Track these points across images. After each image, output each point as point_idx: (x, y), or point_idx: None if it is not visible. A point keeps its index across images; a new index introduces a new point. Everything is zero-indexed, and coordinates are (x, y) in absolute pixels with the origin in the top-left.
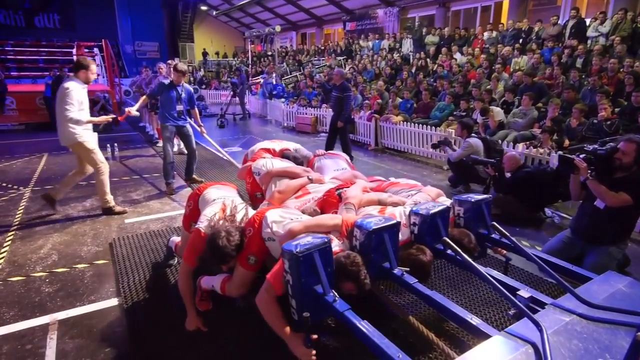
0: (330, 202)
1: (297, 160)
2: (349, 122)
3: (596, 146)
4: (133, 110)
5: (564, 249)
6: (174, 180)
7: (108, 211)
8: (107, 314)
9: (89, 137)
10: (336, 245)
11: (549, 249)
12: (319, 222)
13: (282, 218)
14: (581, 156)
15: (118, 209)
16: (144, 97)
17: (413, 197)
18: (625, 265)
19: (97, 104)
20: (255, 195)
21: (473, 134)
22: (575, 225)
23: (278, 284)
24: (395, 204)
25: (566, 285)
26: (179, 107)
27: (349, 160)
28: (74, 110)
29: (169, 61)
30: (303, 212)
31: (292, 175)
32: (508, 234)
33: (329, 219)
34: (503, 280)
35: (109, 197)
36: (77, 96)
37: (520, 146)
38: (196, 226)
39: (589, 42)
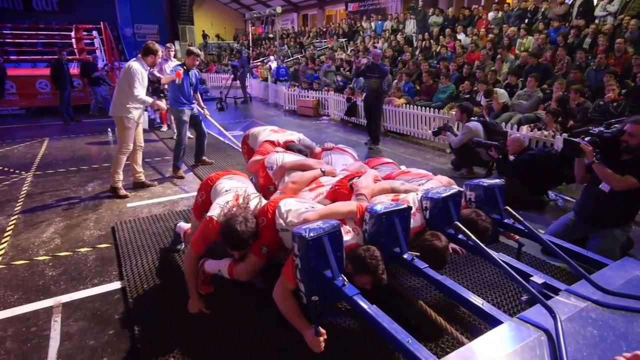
0: (342, 193)
1: (303, 152)
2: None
3: (602, 129)
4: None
5: (568, 231)
6: (182, 164)
7: (113, 190)
8: (110, 297)
9: (133, 116)
10: (351, 238)
11: (553, 231)
12: (333, 210)
13: (296, 207)
14: (586, 139)
15: (122, 192)
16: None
17: (424, 185)
18: (629, 247)
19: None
20: (267, 189)
21: (473, 118)
22: (579, 208)
23: (292, 277)
24: (408, 191)
25: (581, 271)
26: (191, 92)
27: (356, 157)
28: (140, 89)
29: (168, 44)
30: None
31: (306, 168)
32: (522, 219)
33: (342, 205)
34: (515, 266)
35: (119, 178)
36: (141, 76)
37: (525, 128)
38: (208, 214)
39: (596, 21)
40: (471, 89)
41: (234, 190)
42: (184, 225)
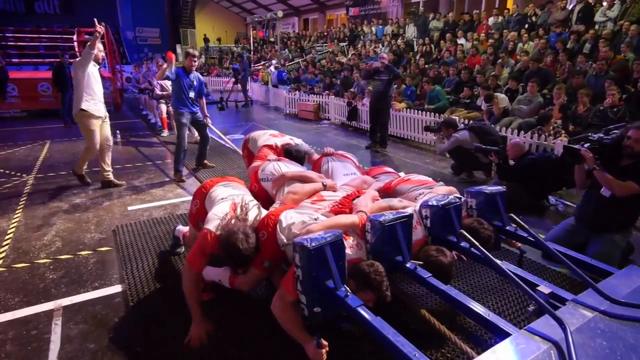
0: (344, 212)
1: (299, 153)
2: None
3: (601, 135)
4: None
5: (568, 237)
6: (183, 168)
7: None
8: (111, 300)
9: (89, 108)
10: (354, 253)
11: (553, 237)
12: (337, 222)
13: (298, 219)
14: (586, 146)
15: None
16: None
17: (425, 196)
18: (630, 253)
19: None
20: None
21: (464, 125)
22: (579, 213)
23: (292, 289)
24: (406, 208)
25: (589, 281)
26: (192, 94)
27: (357, 163)
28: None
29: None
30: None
31: (306, 180)
32: (527, 227)
33: (345, 218)
34: (520, 275)
35: (82, 168)
36: (81, 62)
37: (522, 133)
38: (205, 226)
39: (596, 27)
40: (471, 94)
41: (231, 199)
42: (183, 229)
